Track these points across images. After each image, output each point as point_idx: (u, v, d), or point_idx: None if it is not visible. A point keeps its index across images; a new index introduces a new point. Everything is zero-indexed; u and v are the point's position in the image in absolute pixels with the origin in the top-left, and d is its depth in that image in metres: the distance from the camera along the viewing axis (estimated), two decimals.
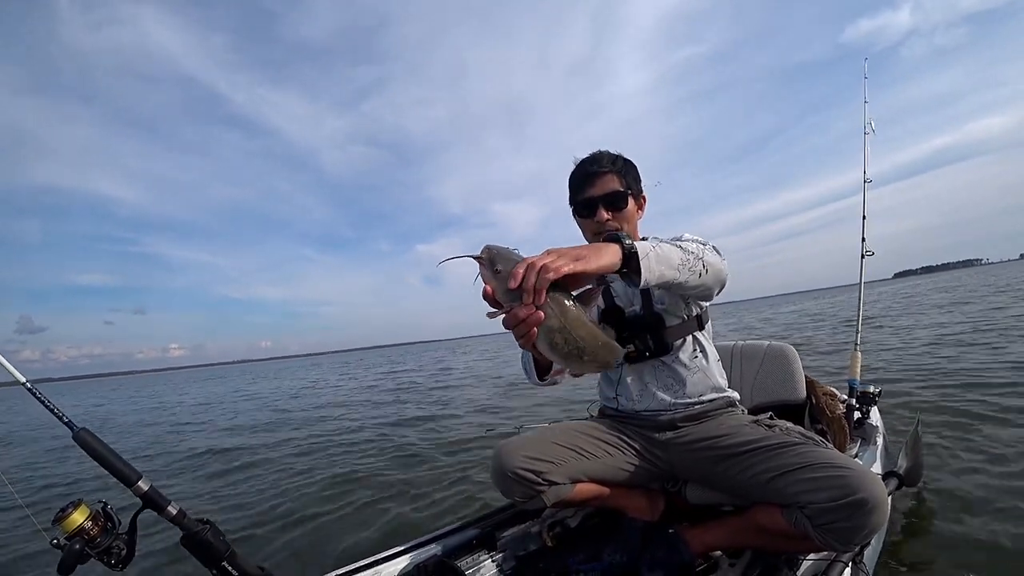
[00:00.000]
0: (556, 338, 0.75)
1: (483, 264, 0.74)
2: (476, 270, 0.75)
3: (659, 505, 1.38)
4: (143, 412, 10.69)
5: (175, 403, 12.52)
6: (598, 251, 0.80)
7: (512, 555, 1.41)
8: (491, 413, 5.33)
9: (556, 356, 0.78)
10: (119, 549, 0.98)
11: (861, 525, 0.91)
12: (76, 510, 0.96)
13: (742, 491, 1.15)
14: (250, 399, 11.13)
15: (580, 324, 0.76)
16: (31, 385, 1.04)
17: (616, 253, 0.83)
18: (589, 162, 1.26)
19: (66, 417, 1.04)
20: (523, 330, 0.72)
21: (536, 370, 1.17)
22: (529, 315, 0.71)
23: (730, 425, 1.23)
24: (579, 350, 0.77)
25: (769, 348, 1.79)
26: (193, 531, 1.04)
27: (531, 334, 0.73)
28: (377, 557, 1.29)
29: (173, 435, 6.38)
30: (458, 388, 8.22)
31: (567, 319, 0.75)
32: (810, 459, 1.00)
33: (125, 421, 9.17)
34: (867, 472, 0.95)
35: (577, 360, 0.78)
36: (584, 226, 1.30)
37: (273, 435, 5.46)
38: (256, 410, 8.50)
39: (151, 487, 1.04)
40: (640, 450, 1.31)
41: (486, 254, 0.73)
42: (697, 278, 0.98)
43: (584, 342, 0.76)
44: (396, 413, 6.02)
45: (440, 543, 1.36)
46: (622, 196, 1.23)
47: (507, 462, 1.20)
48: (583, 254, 0.76)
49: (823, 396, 1.74)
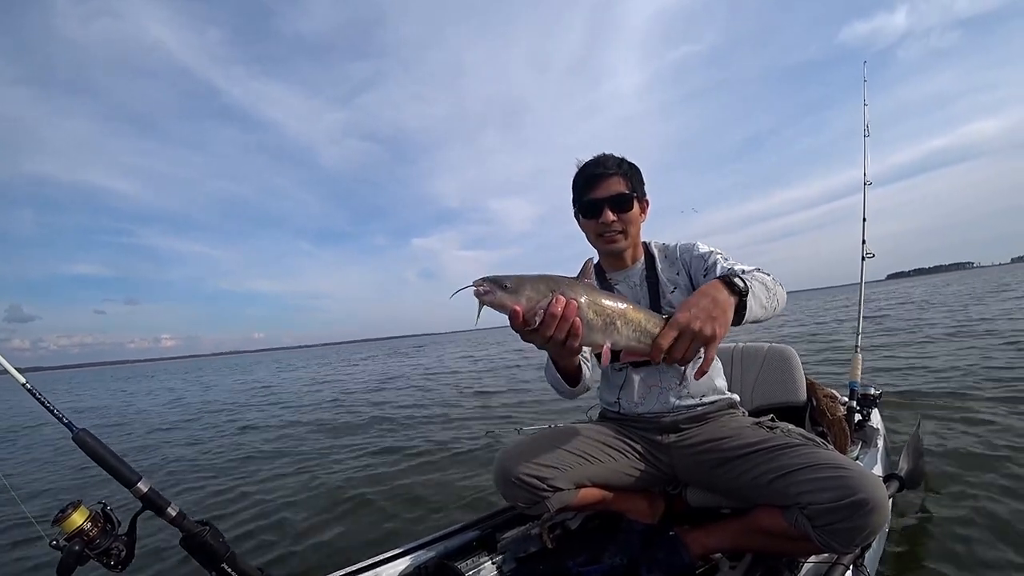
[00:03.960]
0: (587, 314, 0.77)
1: (490, 291, 0.73)
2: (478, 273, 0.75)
3: (659, 507, 1.38)
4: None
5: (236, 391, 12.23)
6: (725, 309, 0.84)
7: (512, 557, 1.41)
8: (490, 414, 5.32)
9: (595, 334, 0.79)
10: (118, 550, 0.98)
11: (862, 526, 0.91)
12: (75, 511, 0.96)
13: (743, 493, 1.15)
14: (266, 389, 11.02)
15: (602, 295, 0.80)
16: (30, 386, 1.04)
17: (730, 298, 0.87)
18: (594, 164, 1.27)
19: (66, 418, 1.04)
20: (564, 326, 0.74)
21: (566, 379, 1.15)
22: (566, 305, 0.73)
23: (732, 427, 1.23)
24: (611, 316, 0.79)
25: (770, 350, 1.79)
26: (193, 532, 1.04)
27: (576, 325, 0.75)
28: (377, 559, 1.29)
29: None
30: (457, 387, 8.20)
31: (590, 294, 0.78)
32: (811, 460, 1.00)
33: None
34: (868, 473, 0.95)
35: (614, 329, 0.80)
36: (588, 227, 1.31)
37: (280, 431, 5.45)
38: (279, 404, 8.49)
39: (151, 488, 1.03)
40: (643, 453, 1.31)
41: (488, 284, 0.73)
42: (770, 313, 1.00)
43: (612, 309, 0.80)
44: (396, 413, 6.02)
45: (440, 545, 1.36)
46: (628, 198, 1.24)
47: (511, 468, 1.18)
48: (719, 317, 0.81)
49: (824, 398, 1.74)
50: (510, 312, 0.73)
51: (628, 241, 1.29)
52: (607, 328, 0.79)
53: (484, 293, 0.72)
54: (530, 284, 0.74)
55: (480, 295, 0.72)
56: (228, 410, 8.16)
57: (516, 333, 0.78)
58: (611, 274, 1.37)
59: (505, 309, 0.73)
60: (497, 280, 0.73)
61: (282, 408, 7.76)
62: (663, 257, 1.34)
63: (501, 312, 0.74)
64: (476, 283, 0.73)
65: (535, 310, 0.73)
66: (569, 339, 0.76)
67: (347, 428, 5.39)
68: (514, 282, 0.73)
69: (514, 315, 0.73)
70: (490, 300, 0.72)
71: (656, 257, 1.34)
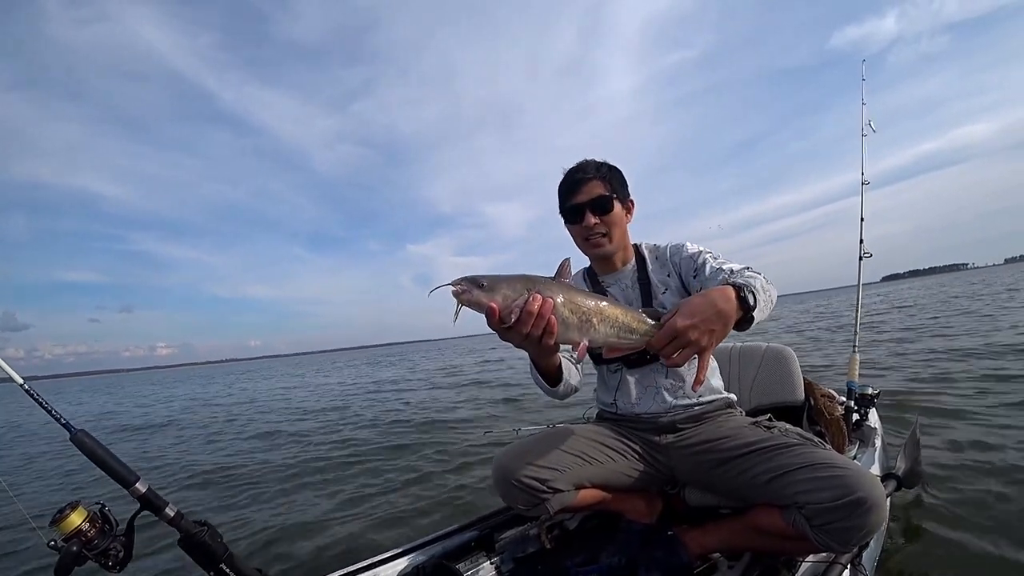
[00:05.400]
0: (563, 312, 0.78)
1: (467, 289, 0.73)
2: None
3: (657, 507, 1.38)
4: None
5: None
6: (727, 322, 0.84)
7: (510, 557, 1.41)
8: (489, 414, 5.32)
9: (571, 332, 0.80)
10: (116, 551, 0.98)
11: (859, 525, 0.92)
12: (74, 512, 0.95)
13: (742, 493, 1.15)
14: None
15: (579, 293, 0.81)
16: (28, 386, 1.04)
17: (736, 310, 0.86)
18: (575, 170, 1.29)
19: (63, 418, 1.04)
20: (540, 324, 0.74)
21: (546, 380, 1.14)
22: (542, 303, 0.74)
23: (730, 427, 1.24)
24: (587, 314, 0.80)
25: (767, 350, 1.80)
26: (191, 533, 1.04)
27: (552, 323, 0.75)
28: (375, 559, 1.29)
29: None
30: (454, 387, 8.20)
31: (566, 293, 0.79)
32: (809, 459, 1.00)
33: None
34: (865, 472, 0.96)
35: (591, 327, 0.81)
36: (574, 232, 1.32)
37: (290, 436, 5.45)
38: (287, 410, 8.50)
39: (149, 489, 1.03)
40: (641, 453, 1.31)
41: (465, 283, 0.73)
42: (766, 316, 1.00)
43: (588, 307, 0.80)
44: (395, 412, 6.01)
45: (438, 545, 1.36)
46: (607, 200, 1.25)
47: (511, 470, 1.18)
48: (718, 330, 0.81)
49: (821, 398, 1.74)
50: (486, 310, 0.74)
51: (614, 244, 1.30)
52: (583, 326, 0.80)
53: (461, 292, 0.73)
54: (506, 283, 0.75)
55: (457, 294, 0.73)
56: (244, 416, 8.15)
57: (494, 331, 0.79)
58: (603, 277, 1.39)
59: (481, 307, 0.74)
60: (474, 279, 0.73)
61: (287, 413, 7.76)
62: (654, 259, 1.35)
63: (478, 311, 0.75)
64: (454, 282, 0.74)
65: (511, 308, 0.74)
66: (545, 336, 0.77)
67: (351, 428, 5.38)
68: (490, 281, 0.74)
69: (491, 312, 0.74)
70: (467, 299, 0.73)
71: (647, 259, 1.35)
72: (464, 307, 0.74)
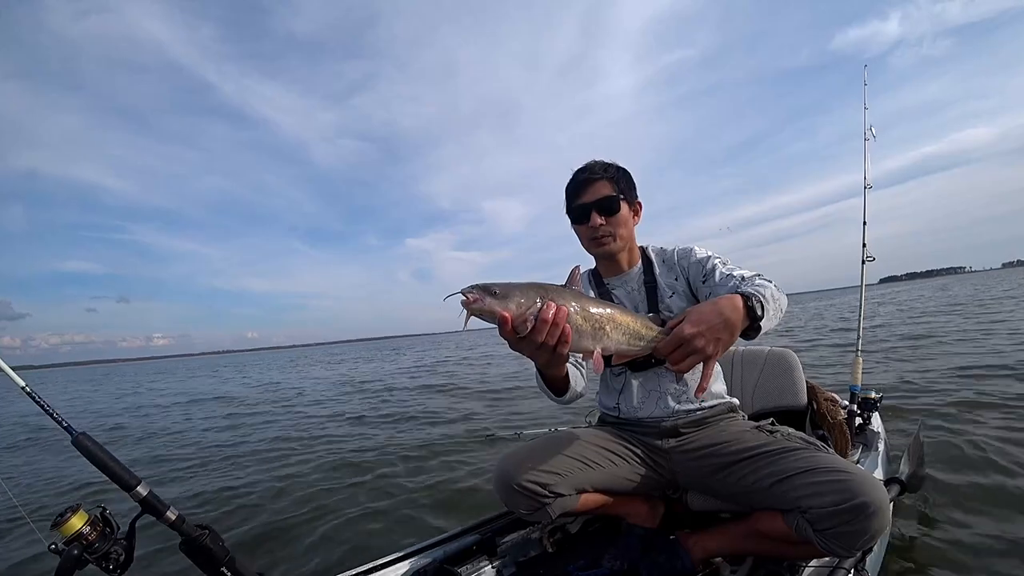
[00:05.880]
0: (576, 320, 0.77)
1: (479, 298, 0.71)
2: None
3: (659, 511, 1.37)
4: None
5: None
6: (733, 332, 0.84)
7: (512, 561, 1.41)
8: (490, 415, 5.31)
9: (584, 340, 0.80)
10: (118, 554, 0.97)
11: (863, 530, 0.91)
12: (75, 515, 0.95)
13: (744, 497, 1.14)
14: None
15: (591, 300, 0.81)
16: (30, 389, 1.04)
17: (743, 320, 0.87)
18: (582, 171, 1.29)
19: (65, 421, 1.04)
20: (556, 332, 0.74)
21: (553, 390, 1.14)
22: (556, 311, 0.73)
23: (732, 431, 1.23)
24: (600, 321, 0.80)
25: (770, 354, 1.79)
26: (192, 536, 1.04)
27: (567, 332, 0.75)
28: (377, 563, 1.28)
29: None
30: (453, 386, 8.19)
31: (579, 300, 0.79)
32: (812, 464, 1.00)
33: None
34: (869, 477, 0.95)
35: (604, 335, 0.81)
36: (580, 232, 1.32)
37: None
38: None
39: (150, 492, 1.03)
40: (643, 458, 1.30)
41: (477, 291, 0.71)
42: (775, 325, 1.00)
43: (601, 314, 0.80)
44: (397, 412, 6.01)
45: (440, 549, 1.35)
46: (614, 200, 1.24)
47: (512, 475, 1.17)
48: (724, 340, 0.81)
49: (824, 402, 1.73)
50: (499, 319, 0.72)
51: (620, 244, 1.29)
52: (596, 333, 0.79)
53: (473, 300, 0.70)
54: (519, 291, 0.74)
55: (468, 304, 0.70)
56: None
57: (504, 341, 0.77)
58: (608, 279, 1.38)
59: (494, 316, 0.71)
60: (486, 287, 0.71)
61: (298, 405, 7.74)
62: (660, 262, 1.34)
63: (490, 320, 0.72)
64: (465, 291, 0.71)
65: (525, 316, 0.73)
66: (559, 345, 0.76)
67: (352, 427, 5.37)
68: (503, 289, 0.72)
69: (503, 321, 0.72)
70: (479, 308, 0.71)
71: (653, 261, 1.34)
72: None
